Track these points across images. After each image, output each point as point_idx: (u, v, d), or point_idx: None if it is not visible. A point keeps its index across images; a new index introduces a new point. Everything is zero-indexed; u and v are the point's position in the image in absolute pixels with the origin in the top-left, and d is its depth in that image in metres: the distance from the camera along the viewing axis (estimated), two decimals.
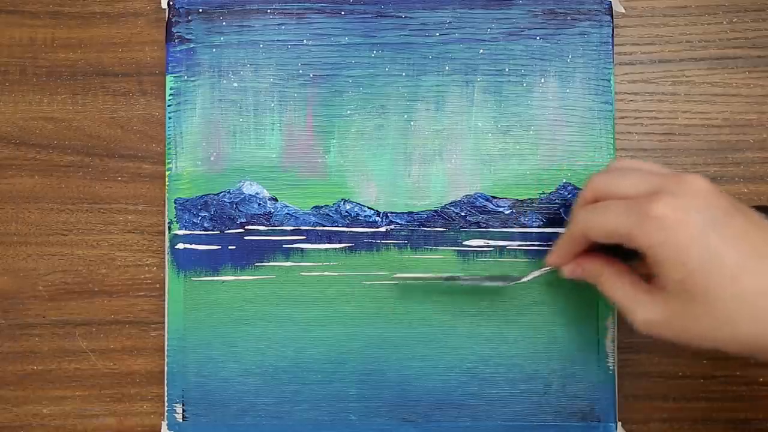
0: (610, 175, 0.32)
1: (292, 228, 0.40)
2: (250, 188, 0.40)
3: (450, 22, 0.40)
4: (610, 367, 0.39)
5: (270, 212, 0.40)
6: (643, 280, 0.32)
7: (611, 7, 0.40)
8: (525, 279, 0.37)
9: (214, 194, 0.40)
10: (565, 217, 0.39)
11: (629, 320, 0.31)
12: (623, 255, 0.32)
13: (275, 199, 0.40)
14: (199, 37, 0.40)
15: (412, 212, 0.40)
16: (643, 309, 0.30)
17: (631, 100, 0.41)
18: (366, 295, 0.39)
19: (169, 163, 0.40)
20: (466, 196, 0.40)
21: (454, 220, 0.40)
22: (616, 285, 0.32)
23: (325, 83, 0.40)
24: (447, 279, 0.38)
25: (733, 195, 0.40)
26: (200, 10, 0.40)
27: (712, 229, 0.28)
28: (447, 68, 0.40)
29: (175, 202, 0.40)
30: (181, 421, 0.39)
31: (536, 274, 0.36)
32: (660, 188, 0.29)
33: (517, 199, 0.40)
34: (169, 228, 0.40)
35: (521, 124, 0.40)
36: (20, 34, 0.41)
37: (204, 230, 0.40)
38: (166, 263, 0.40)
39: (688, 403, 0.40)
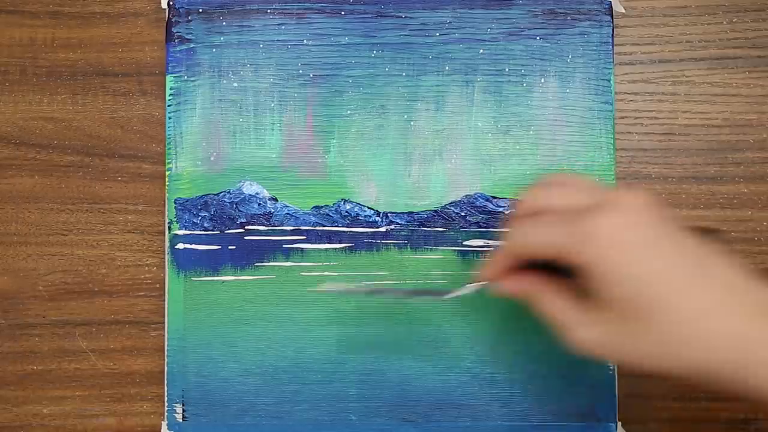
0: (547, 188, 0.30)
1: (292, 228, 0.40)
2: (250, 188, 0.40)
3: (450, 22, 0.40)
4: (610, 367, 0.39)
5: (270, 212, 0.40)
6: (578, 297, 0.30)
7: (611, 7, 0.40)
8: (455, 294, 0.34)
9: (214, 194, 0.40)
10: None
11: (566, 339, 0.29)
12: (556, 271, 0.30)
13: (275, 199, 0.40)
14: (199, 37, 0.40)
15: (412, 212, 0.40)
16: (584, 327, 0.29)
17: (631, 100, 0.41)
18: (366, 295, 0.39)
19: (169, 163, 0.40)
20: (466, 196, 0.40)
21: (454, 220, 0.40)
22: (554, 303, 0.30)
23: (325, 83, 0.40)
24: (371, 292, 0.37)
25: (733, 195, 0.40)
26: (200, 10, 0.40)
27: (654, 247, 0.27)
28: (447, 68, 0.40)
29: (175, 202, 0.40)
30: (181, 421, 0.39)
31: (469, 288, 0.33)
32: (599, 203, 0.28)
33: (517, 199, 0.40)
34: (169, 228, 0.40)
35: (521, 124, 0.40)
36: (20, 34, 0.41)
37: (204, 230, 0.40)
38: (166, 263, 0.40)
39: (688, 403, 0.40)
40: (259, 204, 0.40)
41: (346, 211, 0.40)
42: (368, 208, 0.40)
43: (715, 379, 0.28)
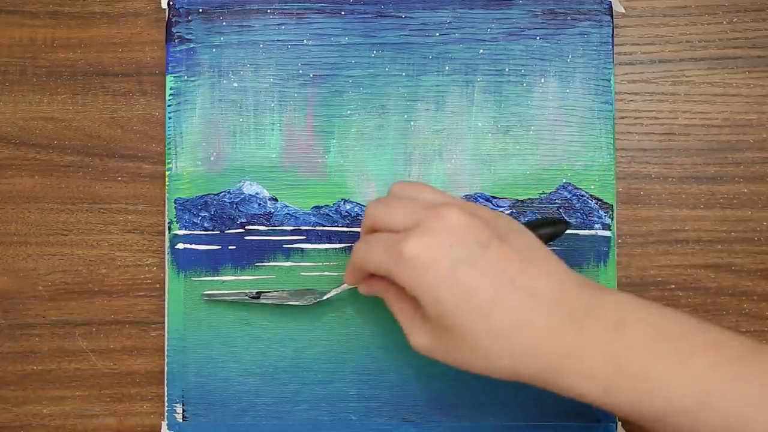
0: (382, 205, 0.31)
1: (292, 228, 0.40)
2: (250, 188, 0.40)
3: (450, 22, 0.40)
4: None
5: (270, 212, 0.40)
6: (416, 305, 0.31)
7: (611, 7, 0.40)
8: (327, 296, 0.37)
9: (214, 194, 0.40)
10: (566, 217, 0.39)
11: (407, 340, 0.31)
12: None
13: (275, 199, 0.40)
14: (199, 37, 0.40)
15: None
16: (417, 333, 0.31)
17: (631, 100, 0.41)
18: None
19: (169, 163, 0.40)
20: (466, 196, 0.40)
21: None
22: (397, 307, 0.32)
23: (325, 83, 0.40)
24: (253, 297, 0.38)
25: (733, 195, 0.40)
26: (200, 10, 0.40)
27: (465, 265, 0.28)
28: (447, 68, 0.40)
29: (175, 202, 0.40)
30: (181, 421, 0.39)
31: (337, 291, 0.37)
32: (417, 224, 0.29)
33: (517, 199, 0.40)
34: (169, 228, 0.40)
35: (521, 124, 0.40)
36: (20, 34, 0.41)
37: (204, 230, 0.40)
38: (166, 263, 0.40)
39: None
40: (259, 204, 0.40)
41: (346, 211, 0.40)
42: None
43: (543, 385, 0.29)
